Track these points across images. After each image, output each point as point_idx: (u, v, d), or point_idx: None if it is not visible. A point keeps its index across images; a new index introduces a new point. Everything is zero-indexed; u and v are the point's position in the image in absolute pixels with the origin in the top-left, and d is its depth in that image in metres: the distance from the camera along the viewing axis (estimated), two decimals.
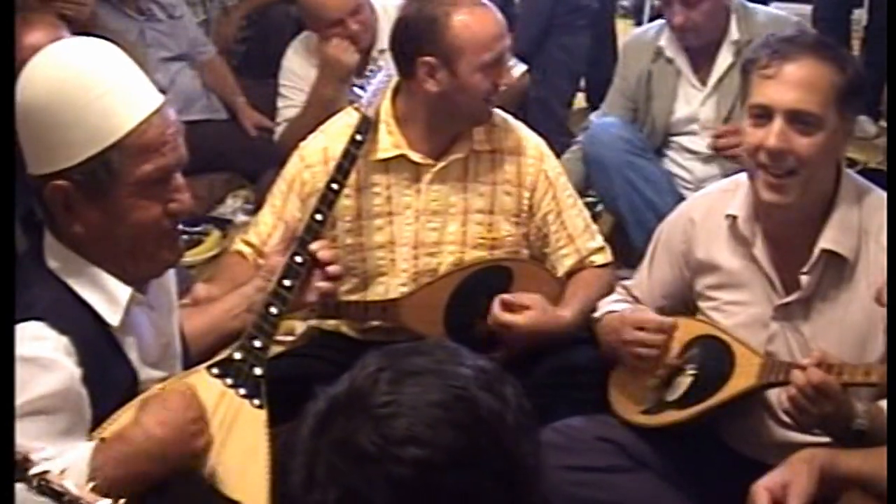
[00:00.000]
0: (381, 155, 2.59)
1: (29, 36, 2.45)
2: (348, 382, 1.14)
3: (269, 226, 2.62)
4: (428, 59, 2.51)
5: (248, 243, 2.67)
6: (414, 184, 2.61)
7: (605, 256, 2.75)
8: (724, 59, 3.48)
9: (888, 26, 3.42)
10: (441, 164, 2.61)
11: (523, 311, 2.57)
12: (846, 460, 1.96)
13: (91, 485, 1.51)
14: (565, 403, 2.44)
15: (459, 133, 2.62)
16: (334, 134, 2.60)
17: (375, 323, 2.66)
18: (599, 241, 2.77)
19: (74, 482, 1.49)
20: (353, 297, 2.64)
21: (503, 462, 1.12)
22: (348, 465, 1.07)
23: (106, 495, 1.47)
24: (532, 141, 2.73)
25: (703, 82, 3.53)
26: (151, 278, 1.93)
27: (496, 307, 2.58)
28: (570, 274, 2.70)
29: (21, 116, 1.76)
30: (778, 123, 2.14)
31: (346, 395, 1.12)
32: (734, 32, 3.46)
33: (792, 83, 2.14)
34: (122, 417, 1.81)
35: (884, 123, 4.62)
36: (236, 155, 4.24)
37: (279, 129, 3.85)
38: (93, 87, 1.75)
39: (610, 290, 2.64)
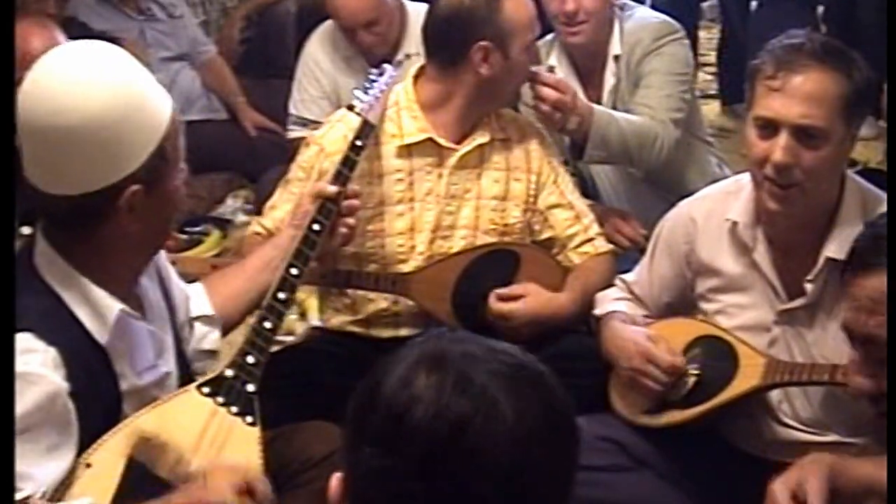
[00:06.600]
0: (408, 140, 2.60)
1: (25, 41, 2.43)
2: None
3: (285, 211, 2.60)
4: (483, 43, 2.54)
5: (263, 227, 2.65)
6: (436, 168, 2.63)
7: (607, 243, 2.77)
8: (609, 76, 3.13)
9: (888, 26, 3.40)
10: (465, 149, 2.63)
11: (520, 300, 2.59)
12: (856, 466, 1.93)
13: None
14: None
15: (480, 120, 2.65)
16: (352, 123, 2.57)
17: (384, 304, 2.65)
18: (598, 227, 2.78)
19: None
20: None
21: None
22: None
23: None
24: (534, 127, 2.78)
25: (597, 102, 3.07)
26: (141, 274, 1.91)
27: (492, 301, 2.60)
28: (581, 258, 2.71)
29: (74, 139, 1.73)
30: (784, 138, 2.10)
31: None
32: (616, 46, 3.11)
33: (799, 97, 2.09)
34: (109, 442, 1.77)
35: (884, 123, 4.61)
36: (236, 155, 4.24)
37: (293, 125, 3.72)
38: (135, 87, 1.78)
39: (611, 279, 2.64)
